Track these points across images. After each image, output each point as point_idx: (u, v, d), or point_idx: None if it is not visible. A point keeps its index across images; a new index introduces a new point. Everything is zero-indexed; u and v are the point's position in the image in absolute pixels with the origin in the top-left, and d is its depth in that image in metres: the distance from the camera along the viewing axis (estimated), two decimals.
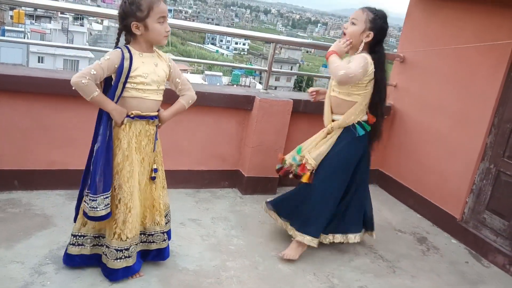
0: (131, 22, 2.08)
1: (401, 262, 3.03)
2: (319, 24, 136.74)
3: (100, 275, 2.29)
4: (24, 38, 33.45)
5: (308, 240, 2.74)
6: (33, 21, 40.97)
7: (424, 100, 3.89)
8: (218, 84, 34.08)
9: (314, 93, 3.06)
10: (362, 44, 2.67)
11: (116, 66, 2.10)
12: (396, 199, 4.10)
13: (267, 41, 3.60)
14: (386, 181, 4.25)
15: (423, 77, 3.94)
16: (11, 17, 39.26)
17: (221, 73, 37.81)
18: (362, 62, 2.57)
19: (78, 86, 2.06)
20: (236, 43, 70.28)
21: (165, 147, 2.53)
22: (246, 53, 68.63)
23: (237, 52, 68.17)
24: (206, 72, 36.48)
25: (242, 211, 3.34)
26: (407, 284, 2.79)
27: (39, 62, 33.21)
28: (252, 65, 49.97)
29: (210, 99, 3.33)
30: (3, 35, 32.54)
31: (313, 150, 2.83)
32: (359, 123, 2.75)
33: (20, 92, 2.85)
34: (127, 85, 2.14)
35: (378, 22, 2.65)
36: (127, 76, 2.12)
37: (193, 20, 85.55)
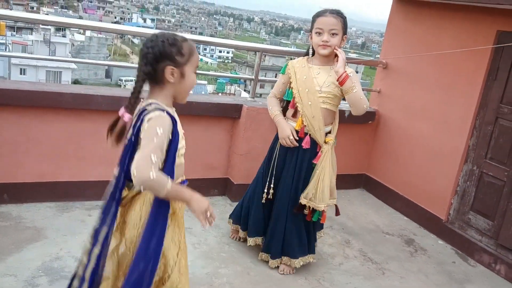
0: (166, 66, 1.62)
1: (389, 264, 3.09)
2: (301, 31, 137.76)
3: None
4: (6, 50, 33.12)
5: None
6: (14, 33, 40.59)
7: (408, 105, 3.98)
8: (203, 92, 34.03)
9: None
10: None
11: (170, 136, 1.65)
12: (383, 202, 4.17)
13: (253, 50, 3.66)
14: (373, 185, 4.33)
15: (406, 82, 4.03)
16: None
17: (205, 82, 37.82)
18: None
19: (148, 184, 1.54)
20: (220, 51, 70.36)
21: None
22: (230, 61, 68.79)
23: (221, 60, 68.28)
24: None
25: None
26: (396, 285, 2.85)
27: (21, 74, 32.90)
28: (237, 73, 50.11)
29: (198, 108, 3.37)
30: None
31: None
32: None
33: (8, 105, 2.86)
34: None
35: (347, 23, 2.60)
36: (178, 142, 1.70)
37: (177, 30, 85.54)
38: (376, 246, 3.32)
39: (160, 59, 1.61)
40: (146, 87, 1.67)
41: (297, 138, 2.65)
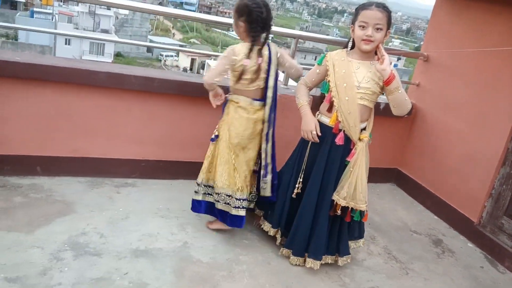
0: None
1: (414, 264, 3.02)
2: (345, 14, 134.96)
3: (116, 263, 2.36)
4: (52, 20, 33.97)
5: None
6: (61, 3, 41.51)
7: (447, 101, 3.84)
8: None
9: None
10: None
11: None
12: (413, 199, 4.07)
13: (288, 36, 3.58)
14: (404, 181, 4.23)
15: (447, 77, 3.88)
16: None
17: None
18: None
19: None
20: None
21: (182, 139, 2.57)
22: (270, 41, 68.18)
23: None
24: None
25: None
26: (420, 287, 2.78)
27: (66, 44, 33.73)
28: None
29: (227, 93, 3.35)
30: (32, 16, 33.15)
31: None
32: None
33: (45, 80, 2.92)
34: None
35: (391, 18, 2.46)
36: None
37: (218, 7, 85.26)
38: (402, 244, 3.25)
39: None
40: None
41: (320, 134, 2.59)
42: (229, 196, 2.69)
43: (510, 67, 3.31)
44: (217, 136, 2.71)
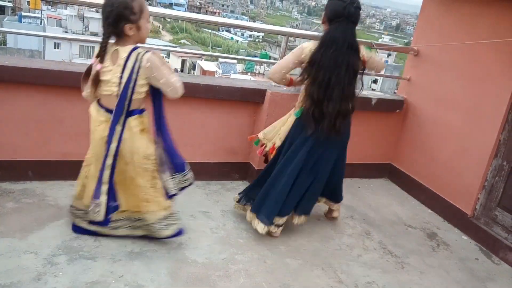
0: (124, 24, 2.20)
1: (410, 258, 3.03)
2: None
3: (111, 266, 2.35)
4: (41, 24, 33.74)
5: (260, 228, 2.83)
6: (50, 7, 41.24)
7: (438, 95, 3.85)
8: (232, 72, 33.94)
9: None
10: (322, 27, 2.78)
11: None
12: (407, 194, 4.09)
13: (279, 34, 3.58)
14: (398, 175, 4.24)
15: (437, 71, 3.89)
16: (28, 3, 39.59)
17: (235, 61, 37.70)
18: (294, 51, 2.77)
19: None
20: (251, 30, 69.80)
21: (176, 140, 2.55)
22: (261, 40, 68.28)
23: (252, 39, 67.83)
24: (221, 60, 36.39)
25: None
26: (415, 280, 2.79)
27: (55, 48, 33.50)
28: (267, 53, 49.80)
29: (221, 92, 3.34)
30: (20, 21, 32.89)
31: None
32: (300, 107, 2.82)
33: (35, 84, 2.89)
34: None
35: (328, 2, 2.71)
36: None
37: (208, 7, 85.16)
38: (397, 238, 3.26)
39: (119, 20, 2.18)
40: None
41: None
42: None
43: (500, 59, 3.33)
44: None
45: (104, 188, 2.36)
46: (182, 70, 38.62)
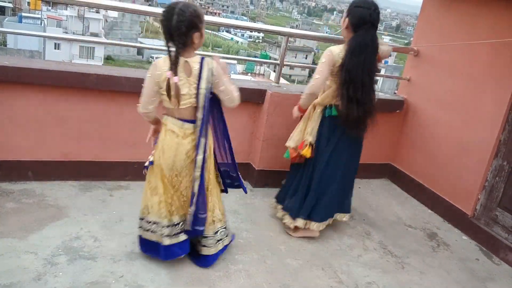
0: (194, 33, 2.18)
1: (410, 258, 3.03)
2: (335, 12, 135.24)
3: (111, 266, 2.34)
4: (41, 24, 33.73)
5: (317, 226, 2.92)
6: (50, 8, 41.21)
7: (438, 95, 3.85)
8: (232, 72, 33.90)
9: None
10: (345, 33, 2.84)
11: None
12: (407, 194, 4.08)
13: (279, 34, 3.58)
14: (398, 176, 4.24)
15: (437, 71, 3.89)
16: (28, 3, 39.56)
17: (235, 61, 37.69)
18: (323, 59, 2.80)
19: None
20: (251, 31, 69.82)
21: None
22: (261, 40, 68.21)
23: (252, 40, 67.81)
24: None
25: (252, 205, 3.36)
26: (415, 281, 2.79)
27: (55, 48, 33.49)
28: (267, 53, 49.78)
29: None
30: (20, 21, 32.87)
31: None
32: (330, 105, 2.89)
33: (35, 84, 2.89)
34: None
35: (352, 8, 2.77)
36: None
37: (208, 8, 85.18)
38: (397, 239, 3.25)
39: (190, 29, 2.14)
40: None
41: None
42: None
43: (500, 59, 3.33)
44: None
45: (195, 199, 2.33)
46: None
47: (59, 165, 3.12)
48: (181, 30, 2.12)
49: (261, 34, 68.14)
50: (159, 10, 5.36)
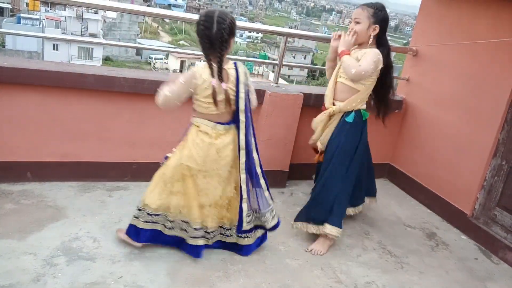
0: (231, 38, 2.30)
1: (409, 258, 3.03)
2: (333, 12, 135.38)
3: (110, 267, 2.34)
4: (39, 25, 33.71)
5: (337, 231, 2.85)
6: (48, 8, 41.18)
7: (437, 95, 3.85)
8: None
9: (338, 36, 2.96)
10: (371, 39, 2.81)
11: None
12: (406, 194, 4.09)
13: (278, 34, 3.59)
14: (396, 175, 4.24)
15: (437, 71, 3.89)
16: (27, 4, 39.57)
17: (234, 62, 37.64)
18: (374, 58, 2.72)
19: None
20: (250, 31, 69.74)
21: (174, 141, 2.55)
22: (259, 41, 68.23)
23: (250, 40, 67.79)
24: None
25: None
26: (415, 280, 2.79)
27: (54, 49, 33.49)
28: (265, 54, 49.81)
29: None
30: (19, 22, 32.85)
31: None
32: (358, 110, 2.89)
33: (33, 85, 2.89)
34: None
35: (380, 14, 2.79)
36: None
37: (207, 8, 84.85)
38: (396, 238, 3.25)
39: (230, 35, 2.25)
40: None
41: None
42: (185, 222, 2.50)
43: (498, 59, 3.33)
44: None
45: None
46: (181, 71, 38.64)
47: (58, 166, 3.11)
48: (224, 37, 2.23)
49: (260, 35, 68.13)
50: (158, 10, 5.36)
